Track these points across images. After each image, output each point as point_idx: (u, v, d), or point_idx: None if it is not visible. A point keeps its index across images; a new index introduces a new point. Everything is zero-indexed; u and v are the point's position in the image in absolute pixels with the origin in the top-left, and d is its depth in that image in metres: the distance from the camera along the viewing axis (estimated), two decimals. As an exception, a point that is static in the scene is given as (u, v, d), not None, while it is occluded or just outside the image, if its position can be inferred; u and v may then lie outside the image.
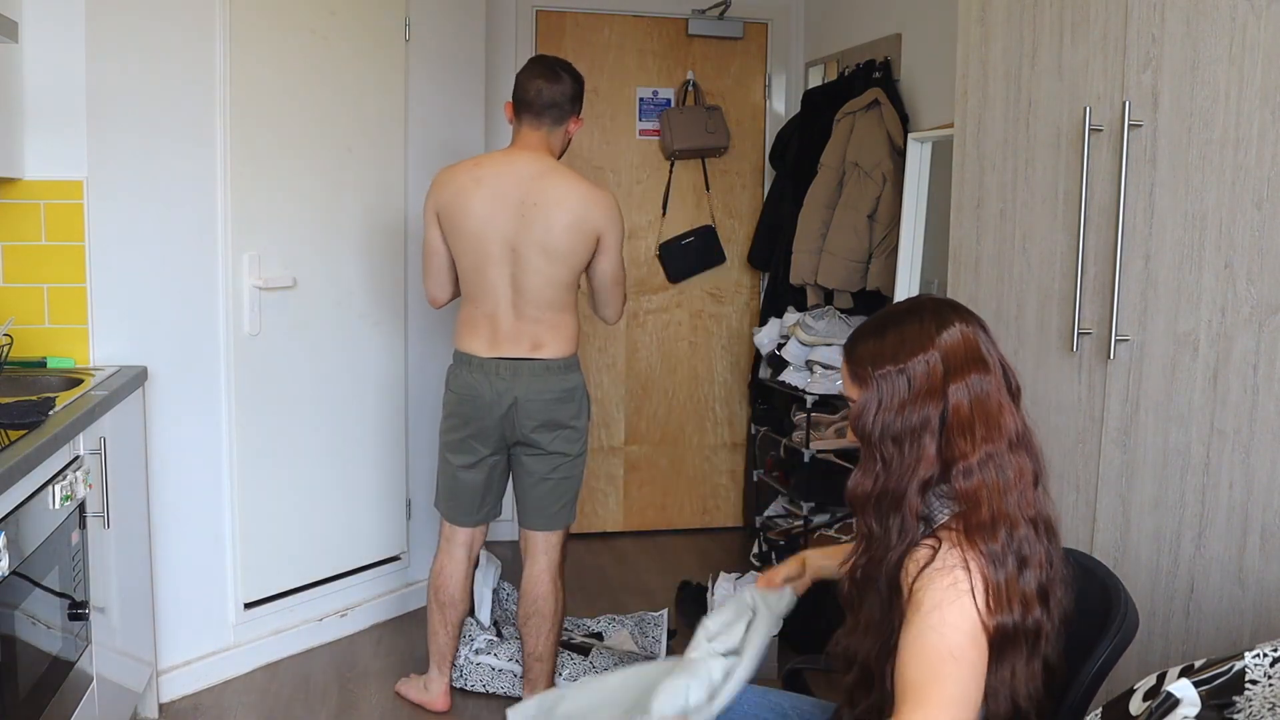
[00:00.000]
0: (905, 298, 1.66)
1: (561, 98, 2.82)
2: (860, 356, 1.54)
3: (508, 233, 2.76)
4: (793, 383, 3.78)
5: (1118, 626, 1.49)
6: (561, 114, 2.84)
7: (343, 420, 3.48)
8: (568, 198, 2.77)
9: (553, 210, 2.75)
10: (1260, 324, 1.75)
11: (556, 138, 2.87)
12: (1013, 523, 1.46)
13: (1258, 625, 1.77)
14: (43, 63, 2.73)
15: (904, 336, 1.51)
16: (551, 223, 2.75)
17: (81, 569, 2.32)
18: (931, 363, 1.49)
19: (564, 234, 2.76)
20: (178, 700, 3.06)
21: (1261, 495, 1.75)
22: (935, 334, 1.50)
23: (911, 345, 1.50)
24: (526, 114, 2.83)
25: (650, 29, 4.53)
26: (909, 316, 1.54)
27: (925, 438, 1.48)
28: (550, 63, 2.88)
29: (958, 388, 1.48)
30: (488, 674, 3.14)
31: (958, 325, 1.51)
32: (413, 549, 3.76)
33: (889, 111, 3.59)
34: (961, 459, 1.46)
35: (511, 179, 2.78)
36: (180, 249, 3.00)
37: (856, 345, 1.56)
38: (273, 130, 3.19)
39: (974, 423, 1.47)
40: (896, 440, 1.49)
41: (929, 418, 1.48)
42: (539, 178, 2.78)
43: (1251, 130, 1.76)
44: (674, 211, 4.58)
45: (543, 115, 2.82)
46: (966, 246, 2.56)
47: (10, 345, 2.70)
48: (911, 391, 1.48)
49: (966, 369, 1.49)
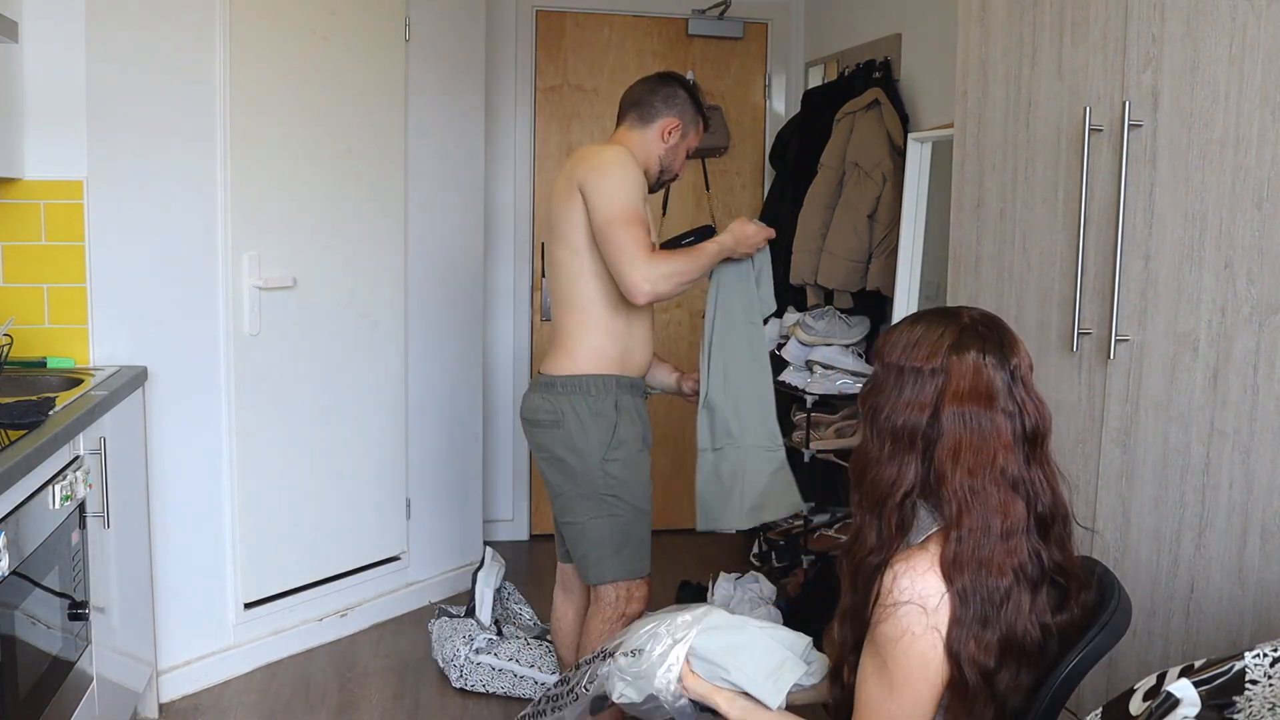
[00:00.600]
0: (942, 306, 1.60)
1: (647, 94, 2.60)
2: (892, 333, 1.53)
3: (546, 212, 2.64)
4: (793, 383, 3.78)
5: (1109, 614, 1.47)
6: (645, 112, 2.58)
7: (343, 420, 3.48)
8: (567, 163, 2.53)
9: (557, 180, 2.54)
10: (1260, 324, 1.75)
11: (640, 138, 2.58)
12: (988, 568, 1.41)
13: (1258, 625, 1.77)
14: (43, 63, 2.73)
15: (923, 338, 1.48)
16: (554, 191, 2.53)
17: (81, 569, 2.32)
18: (933, 377, 1.45)
19: (558, 203, 2.49)
20: (178, 700, 3.06)
21: (1261, 495, 1.75)
22: (948, 353, 1.46)
23: (923, 351, 1.47)
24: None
25: (650, 29, 4.53)
26: (940, 322, 1.50)
27: (914, 444, 1.46)
28: (665, 73, 2.70)
29: (953, 413, 1.43)
30: (488, 674, 3.14)
31: (973, 355, 1.45)
32: (413, 549, 3.76)
33: (889, 111, 3.59)
34: (943, 483, 1.44)
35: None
36: (180, 249, 3.00)
37: (901, 321, 1.55)
38: (273, 130, 3.19)
39: (961, 452, 1.43)
40: (894, 435, 1.47)
41: (918, 426, 1.45)
42: (573, 156, 2.57)
43: (1251, 130, 1.76)
44: (674, 211, 4.58)
45: (625, 113, 2.63)
46: (966, 246, 2.56)
47: (10, 345, 2.70)
48: (909, 393, 1.47)
49: (967, 399, 1.44)
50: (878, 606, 1.43)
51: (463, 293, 3.87)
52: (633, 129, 2.60)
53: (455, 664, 3.16)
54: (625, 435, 2.48)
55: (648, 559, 2.56)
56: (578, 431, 2.45)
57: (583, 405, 2.45)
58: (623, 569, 2.49)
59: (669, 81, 2.63)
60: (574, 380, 2.47)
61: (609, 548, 2.48)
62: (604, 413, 2.45)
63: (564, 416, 2.46)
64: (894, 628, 1.41)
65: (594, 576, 2.51)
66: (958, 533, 1.42)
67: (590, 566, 2.51)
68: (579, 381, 2.46)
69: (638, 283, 2.33)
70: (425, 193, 3.71)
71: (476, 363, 3.97)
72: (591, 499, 2.47)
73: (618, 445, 2.46)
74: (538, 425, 2.51)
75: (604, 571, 2.49)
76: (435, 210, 3.73)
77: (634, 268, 2.33)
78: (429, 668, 3.31)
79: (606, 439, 2.45)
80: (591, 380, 2.47)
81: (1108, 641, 1.47)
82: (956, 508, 1.42)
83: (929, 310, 1.56)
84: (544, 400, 2.49)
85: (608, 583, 2.50)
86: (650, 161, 2.59)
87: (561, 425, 2.46)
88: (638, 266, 2.33)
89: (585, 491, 2.47)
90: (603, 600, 2.51)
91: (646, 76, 2.67)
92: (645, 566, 2.54)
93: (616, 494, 2.47)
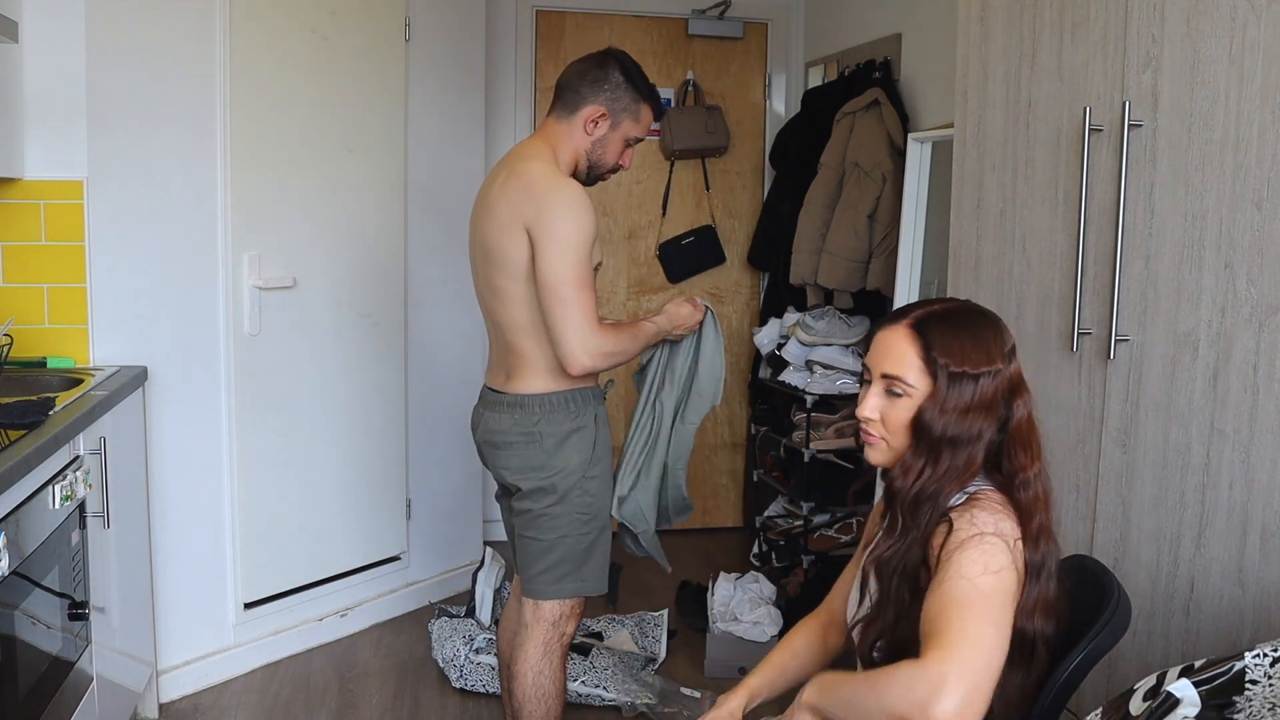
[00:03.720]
0: (947, 297, 1.65)
1: (575, 78, 2.34)
2: (937, 343, 1.50)
3: (475, 236, 2.38)
4: (793, 383, 3.78)
5: (1109, 614, 1.48)
6: (570, 99, 2.33)
7: (343, 420, 3.48)
8: (510, 180, 2.28)
9: (497, 200, 2.28)
10: (1260, 324, 1.75)
11: (565, 131, 2.34)
12: (1050, 538, 1.50)
13: (1258, 625, 1.77)
14: (43, 63, 2.73)
15: (983, 341, 1.51)
16: (493, 214, 2.29)
17: (81, 569, 2.32)
18: (1000, 377, 1.51)
19: (496, 230, 2.27)
20: (178, 700, 3.06)
21: (1261, 495, 1.75)
22: (1007, 349, 1.53)
23: (989, 353, 1.50)
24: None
25: (650, 29, 4.53)
26: (984, 322, 1.54)
27: (978, 447, 1.50)
28: (603, 52, 2.41)
29: (1021, 403, 1.52)
30: (488, 674, 3.14)
31: (1018, 358, 1.56)
32: (413, 549, 3.76)
33: (889, 111, 3.59)
34: (1020, 471, 1.51)
35: (495, 169, 2.40)
36: (180, 249, 3.00)
37: (930, 330, 1.51)
38: (273, 130, 3.19)
39: (1031, 438, 1.51)
40: (952, 442, 1.49)
41: (984, 430, 1.50)
42: (507, 159, 2.37)
43: (1251, 130, 1.76)
44: (674, 211, 4.58)
45: (556, 99, 2.38)
46: (966, 246, 2.56)
47: (10, 345, 2.70)
48: (977, 399, 1.49)
49: (1025, 387, 1.54)
50: (952, 535, 1.44)
51: (463, 293, 3.85)
52: (559, 120, 2.35)
53: (455, 664, 3.16)
54: (603, 451, 2.36)
55: (606, 576, 2.41)
56: (556, 451, 2.30)
57: (562, 423, 2.30)
58: (583, 585, 2.36)
59: (603, 63, 2.34)
60: (551, 398, 2.30)
61: (571, 564, 2.34)
62: (584, 427, 2.33)
63: (541, 436, 2.30)
64: (981, 554, 1.40)
65: (548, 592, 2.33)
66: (1032, 511, 1.49)
67: (549, 583, 2.33)
68: (556, 399, 2.31)
69: (577, 354, 2.20)
70: (425, 192, 3.71)
71: (476, 363, 3.96)
72: (564, 517, 2.32)
73: (597, 461, 2.34)
74: (507, 447, 2.33)
75: (563, 588, 2.34)
76: (435, 210, 3.73)
77: (578, 337, 2.19)
78: (429, 668, 3.31)
79: (587, 455, 2.32)
80: (570, 396, 2.32)
81: (1108, 642, 1.47)
82: (1032, 490, 1.50)
83: (948, 309, 1.56)
84: (515, 421, 2.31)
85: (560, 599, 2.35)
86: (576, 156, 2.35)
87: (538, 445, 2.30)
88: (583, 337, 2.20)
89: (559, 510, 2.31)
90: (544, 620, 2.35)
91: (584, 56, 2.39)
92: (604, 584, 2.40)
93: (592, 511, 2.34)
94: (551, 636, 2.35)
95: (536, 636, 2.35)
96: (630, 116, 2.36)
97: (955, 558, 1.41)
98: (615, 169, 2.43)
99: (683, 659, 3.38)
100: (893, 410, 1.53)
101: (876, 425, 1.55)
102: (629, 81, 2.34)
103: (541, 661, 2.35)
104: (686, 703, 3.03)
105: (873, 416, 1.54)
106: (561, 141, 2.34)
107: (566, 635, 2.38)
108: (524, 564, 2.37)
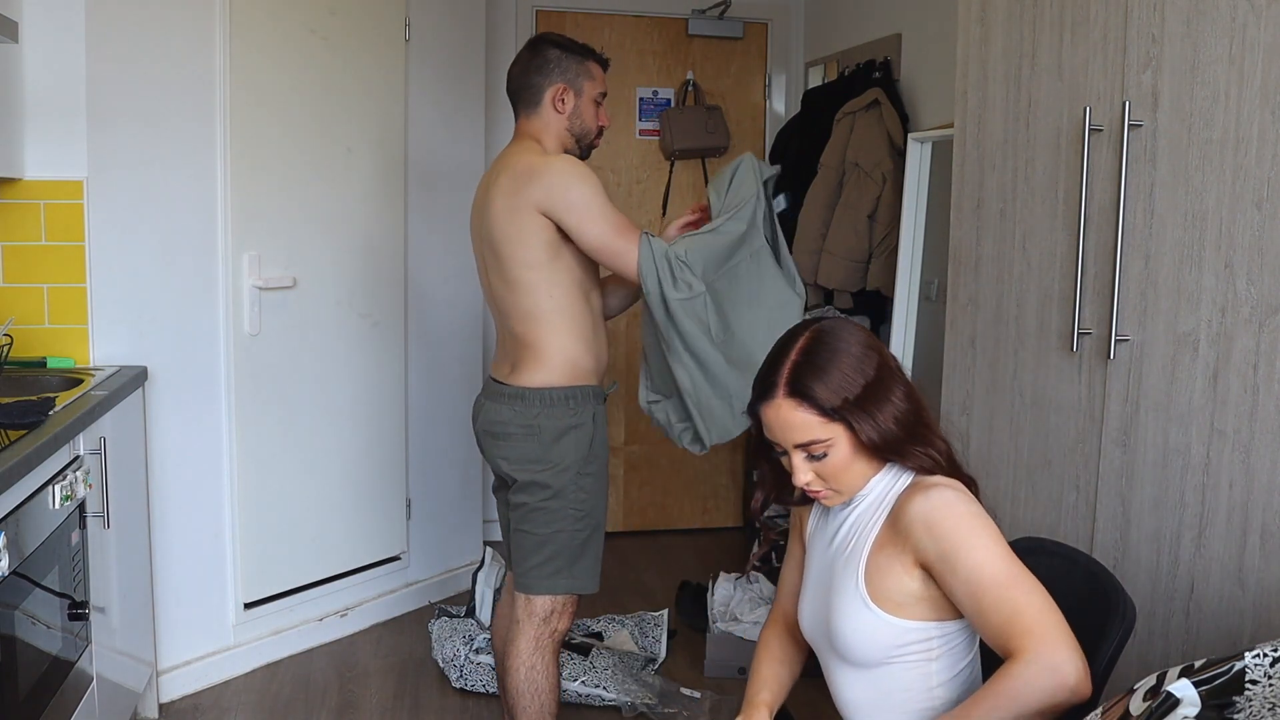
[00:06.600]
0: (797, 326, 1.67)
1: (520, 75, 2.44)
2: (819, 393, 1.51)
3: (478, 230, 2.45)
4: (793, 383, 3.78)
5: (1118, 624, 1.49)
6: (528, 95, 2.43)
7: (343, 420, 3.48)
8: (501, 177, 2.35)
9: (494, 196, 2.34)
10: (1260, 324, 1.75)
11: (541, 122, 2.43)
12: (942, 437, 1.62)
13: (1258, 625, 1.77)
14: (43, 63, 2.73)
15: (849, 358, 1.54)
16: (493, 210, 2.35)
17: (81, 569, 2.32)
18: (882, 366, 1.56)
19: (502, 224, 2.33)
20: (178, 700, 3.06)
21: (1261, 495, 1.75)
22: (864, 345, 1.57)
23: (860, 362, 1.54)
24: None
25: (650, 29, 4.53)
26: (834, 338, 1.57)
27: (922, 410, 1.59)
28: (531, 41, 2.51)
29: (899, 368, 1.60)
30: (488, 674, 3.14)
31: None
32: (413, 549, 3.76)
33: (889, 111, 3.59)
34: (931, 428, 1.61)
35: (486, 176, 2.48)
36: (180, 249, 3.00)
37: (804, 385, 1.51)
38: (273, 130, 3.19)
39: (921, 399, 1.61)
40: (904, 425, 1.55)
41: (908, 396, 1.58)
42: (497, 163, 2.43)
43: (1251, 130, 1.76)
44: (674, 211, 4.57)
45: (516, 103, 2.48)
46: (966, 246, 2.56)
47: (10, 345, 2.70)
48: (886, 394, 1.54)
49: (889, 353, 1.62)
50: (908, 505, 1.52)
51: (463, 292, 3.87)
52: (530, 118, 2.44)
53: (455, 664, 3.16)
54: (599, 449, 2.40)
55: (598, 575, 2.45)
56: (553, 445, 2.35)
57: (561, 419, 2.34)
58: (575, 583, 2.39)
59: (536, 49, 2.45)
60: (551, 393, 2.35)
61: (564, 560, 2.37)
62: (582, 425, 2.36)
63: (540, 430, 2.34)
64: (967, 524, 1.48)
65: (540, 587, 2.37)
66: (951, 458, 1.61)
67: (542, 578, 2.37)
68: (557, 394, 2.35)
69: (663, 279, 2.31)
70: (425, 192, 3.71)
71: (476, 362, 3.97)
72: (559, 512, 2.36)
73: (592, 460, 2.38)
74: (506, 438, 2.38)
75: (555, 584, 2.37)
76: (435, 210, 3.73)
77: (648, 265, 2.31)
78: (429, 668, 3.31)
79: (584, 453, 2.37)
80: (571, 393, 2.36)
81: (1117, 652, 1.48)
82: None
83: (804, 355, 1.56)
84: (515, 413, 2.36)
85: (553, 594, 2.39)
86: (561, 137, 2.44)
87: (535, 438, 2.35)
88: (651, 264, 2.31)
89: (554, 505, 2.36)
90: (535, 615, 2.39)
91: (516, 57, 2.49)
92: (596, 583, 2.43)
93: (586, 509, 2.38)
94: (543, 632, 2.40)
95: (528, 631, 2.40)
96: (586, 77, 2.46)
97: (949, 537, 1.47)
98: (600, 131, 2.52)
99: (683, 659, 3.39)
100: (827, 464, 1.55)
101: (819, 483, 1.57)
102: (567, 50, 2.45)
103: (533, 656, 2.40)
104: (686, 703, 3.03)
105: (811, 481, 1.57)
106: (541, 132, 2.44)
107: (558, 631, 2.42)
108: (518, 558, 2.42)
